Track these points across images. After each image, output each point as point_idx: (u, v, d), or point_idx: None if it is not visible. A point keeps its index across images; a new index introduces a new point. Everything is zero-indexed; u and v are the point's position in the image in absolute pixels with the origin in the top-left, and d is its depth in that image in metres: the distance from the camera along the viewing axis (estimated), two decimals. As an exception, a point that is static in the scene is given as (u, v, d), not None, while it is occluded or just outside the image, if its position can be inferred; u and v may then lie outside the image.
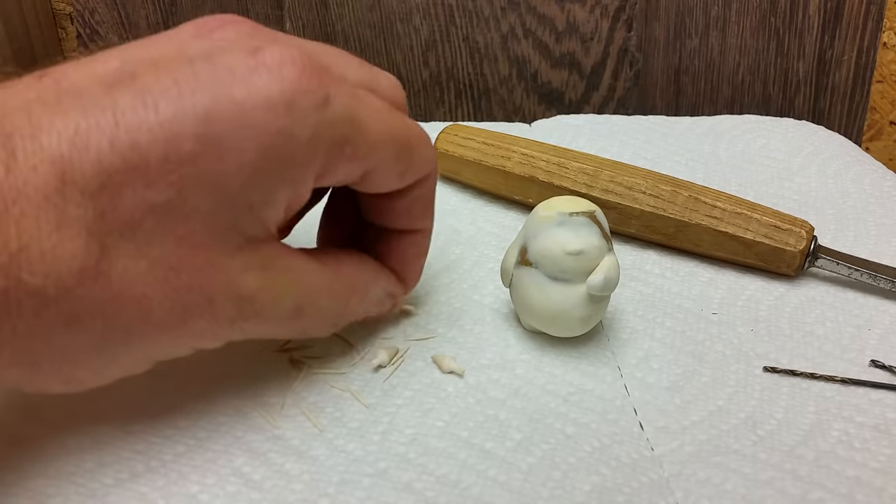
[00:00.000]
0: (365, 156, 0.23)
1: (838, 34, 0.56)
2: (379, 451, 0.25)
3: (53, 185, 0.19)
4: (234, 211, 0.21)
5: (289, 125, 0.21)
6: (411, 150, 0.25)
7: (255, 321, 0.23)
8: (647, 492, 0.24)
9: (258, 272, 0.22)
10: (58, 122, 0.19)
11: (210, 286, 0.21)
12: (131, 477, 0.24)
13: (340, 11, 0.55)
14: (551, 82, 0.58)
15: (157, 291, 0.20)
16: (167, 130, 0.20)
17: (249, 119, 0.20)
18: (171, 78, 0.20)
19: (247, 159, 0.21)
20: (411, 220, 0.28)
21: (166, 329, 0.21)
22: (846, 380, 0.29)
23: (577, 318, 0.28)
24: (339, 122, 0.22)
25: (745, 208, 0.35)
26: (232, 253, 0.22)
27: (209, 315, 0.22)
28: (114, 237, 0.19)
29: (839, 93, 0.58)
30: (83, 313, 0.20)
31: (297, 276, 0.24)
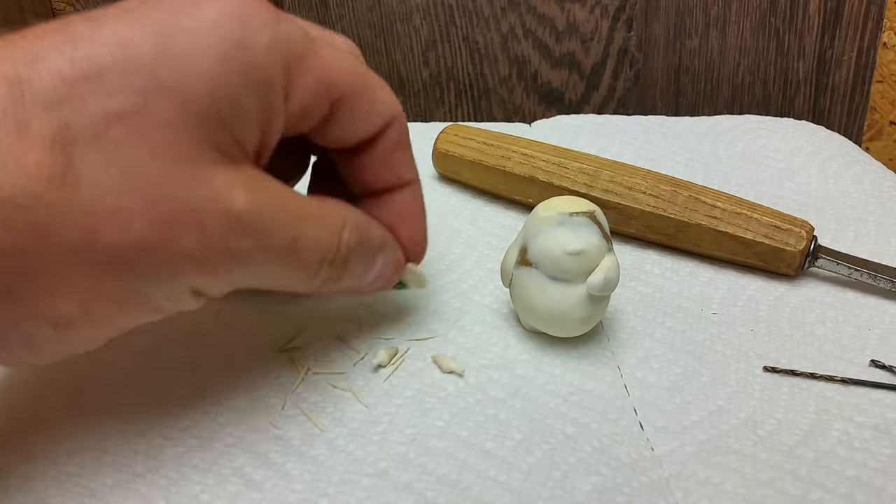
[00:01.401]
0: (326, 75, 0.23)
1: (838, 34, 0.56)
2: (379, 451, 0.25)
3: (11, 100, 0.19)
4: (207, 123, 0.21)
5: (244, 35, 0.21)
6: (371, 85, 0.25)
7: (250, 248, 0.22)
8: (647, 492, 0.24)
9: (246, 189, 0.21)
10: (16, 52, 0.19)
11: (195, 200, 0.20)
12: (132, 477, 0.24)
13: (340, 11, 0.55)
14: (551, 82, 0.58)
15: (135, 203, 0.19)
16: (124, 48, 0.20)
17: (204, 32, 0.21)
18: (122, 8, 0.21)
19: (208, 66, 0.20)
20: (391, 171, 0.27)
21: (151, 248, 0.20)
22: (846, 380, 0.29)
23: (577, 318, 0.28)
24: (294, 39, 0.22)
25: (745, 208, 0.35)
26: (213, 167, 0.21)
27: (198, 232, 0.20)
28: (80, 146, 0.19)
29: (839, 93, 0.58)
30: (54, 225, 0.19)
31: (285, 200, 0.23)
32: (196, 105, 0.20)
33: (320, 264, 0.24)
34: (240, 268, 0.22)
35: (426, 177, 0.43)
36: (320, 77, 0.23)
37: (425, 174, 0.43)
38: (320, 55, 0.23)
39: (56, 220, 0.19)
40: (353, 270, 0.25)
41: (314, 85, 0.23)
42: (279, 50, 0.22)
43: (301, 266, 0.24)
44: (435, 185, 0.42)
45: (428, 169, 0.43)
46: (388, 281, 0.27)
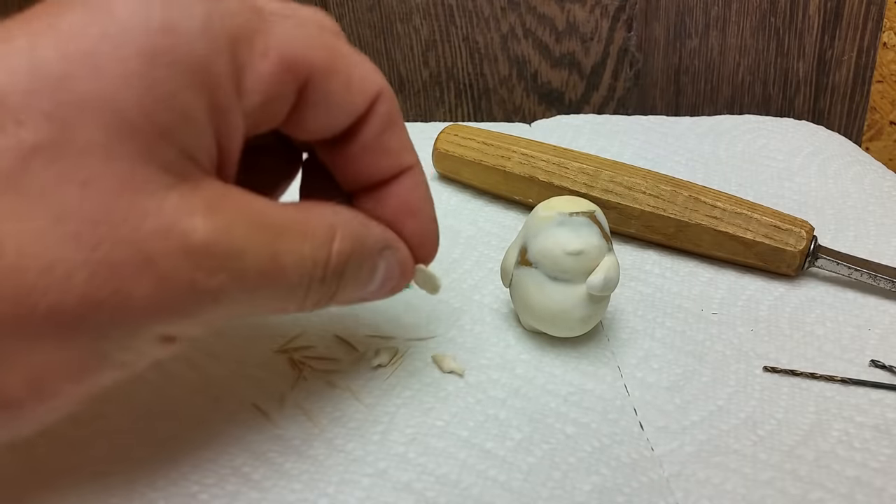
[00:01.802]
0: (286, 53, 0.19)
1: (838, 34, 0.56)
2: (378, 451, 0.25)
3: None
4: (142, 139, 0.17)
5: (170, 17, 0.17)
6: (346, 58, 0.21)
7: (226, 281, 0.18)
8: (647, 492, 0.24)
9: (207, 214, 0.18)
10: None
11: (141, 239, 0.17)
12: (131, 477, 0.24)
13: (340, 11, 0.55)
14: (551, 82, 0.58)
15: (72, 253, 0.16)
16: (24, 58, 0.16)
17: (122, 22, 0.17)
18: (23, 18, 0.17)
19: (132, 68, 0.17)
20: (386, 156, 0.23)
21: (100, 302, 0.16)
22: (846, 380, 0.29)
23: (577, 318, 0.28)
24: (235, 9, 0.18)
25: (745, 208, 0.35)
26: (159, 193, 0.17)
27: (152, 275, 0.17)
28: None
29: (839, 93, 0.58)
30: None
31: (257, 215, 0.19)
32: (123, 118, 0.17)
33: (310, 282, 0.20)
34: (213, 304, 0.18)
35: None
36: (279, 57, 0.19)
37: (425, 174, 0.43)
38: (275, 30, 0.19)
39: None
40: (353, 282, 0.22)
41: (272, 68, 0.19)
42: (219, 30, 0.18)
43: (287, 288, 0.20)
44: (435, 185, 0.42)
45: (428, 169, 0.43)
46: (397, 286, 0.24)
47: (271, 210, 0.19)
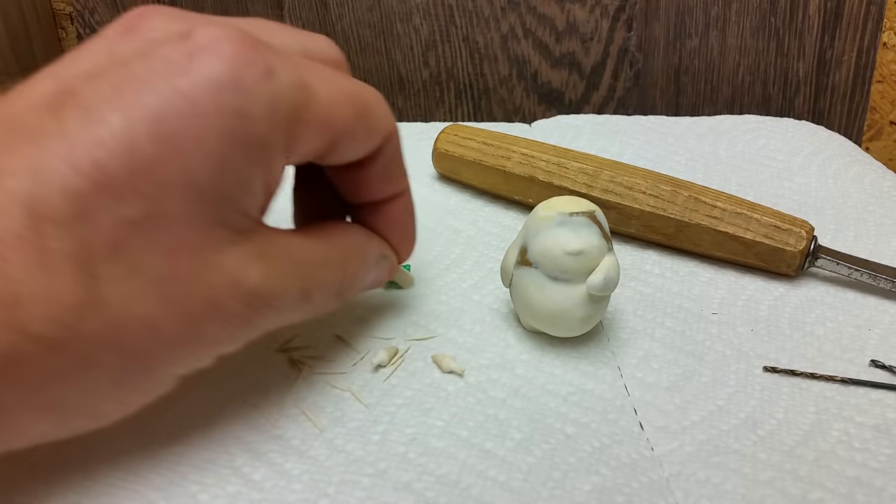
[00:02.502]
0: (325, 119, 0.23)
1: (838, 34, 0.56)
2: (379, 451, 0.25)
3: (27, 224, 0.18)
4: (215, 206, 0.20)
5: (241, 103, 0.20)
6: (368, 107, 0.24)
7: (268, 313, 0.22)
8: (647, 492, 0.24)
9: (258, 262, 0.22)
10: (15, 160, 0.18)
11: (212, 290, 0.21)
12: (131, 477, 0.24)
13: (340, 11, 0.55)
14: (551, 82, 0.58)
15: (161, 308, 0.20)
16: (122, 141, 0.19)
17: (200, 107, 0.20)
18: (111, 86, 0.20)
19: (210, 149, 0.20)
20: (390, 183, 0.27)
21: (180, 344, 0.21)
22: (846, 380, 0.29)
23: (577, 318, 0.28)
24: (290, 90, 0.21)
25: (745, 208, 0.35)
26: (225, 249, 0.21)
27: (220, 319, 0.21)
28: (102, 264, 0.19)
29: (839, 93, 0.58)
30: (93, 349, 0.19)
31: (295, 256, 0.23)
32: (203, 193, 0.20)
33: (328, 299, 0.25)
34: (255, 331, 0.23)
35: (426, 177, 0.43)
36: (321, 125, 0.23)
37: (425, 174, 0.43)
38: (318, 101, 0.22)
39: (92, 344, 0.19)
40: (350, 293, 0.26)
41: (315, 135, 0.23)
42: (278, 110, 0.21)
43: (312, 307, 0.25)
44: (435, 185, 0.42)
45: (428, 169, 0.43)
46: (379, 284, 0.29)
47: (302, 248, 0.24)
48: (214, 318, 0.21)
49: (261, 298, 0.22)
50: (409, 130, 0.48)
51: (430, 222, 0.38)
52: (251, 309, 0.22)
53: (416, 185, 0.41)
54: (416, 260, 0.35)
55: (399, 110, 0.58)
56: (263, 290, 0.22)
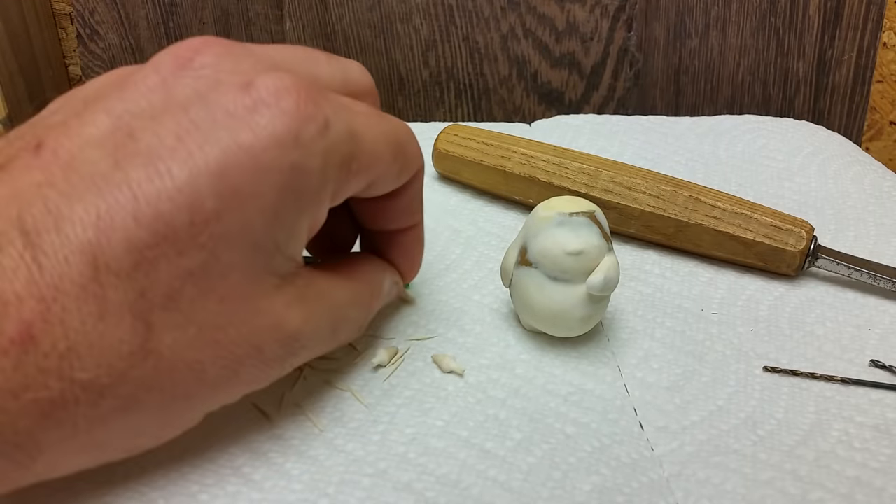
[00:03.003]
0: (368, 166, 0.24)
1: (838, 34, 0.56)
2: (379, 451, 0.25)
3: (88, 275, 0.18)
4: (265, 255, 0.21)
5: (300, 159, 0.21)
6: (404, 148, 0.25)
7: (301, 353, 0.23)
8: (647, 492, 0.24)
9: (299, 306, 0.22)
10: (78, 208, 0.19)
11: (257, 334, 0.21)
12: (131, 477, 0.24)
13: (340, 11, 0.55)
14: (551, 82, 0.58)
15: (209, 354, 0.20)
16: (186, 194, 0.19)
17: (261, 162, 0.20)
18: (174, 134, 0.20)
19: (268, 203, 0.20)
20: (410, 216, 0.28)
21: (220, 386, 0.21)
22: (846, 380, 0.29)
23: (577, 318, 0.28)
24: (343, 142, 0.22)
25: (745, 208, 0.35)
26: (272, 295, 0.22)
27: (258, 362, 0.22)
28: (157, 313, 0.19)
29: (839, 93, 0.58)
30: (139, 393, 0.19)
31: (330, 297, 0.24)
32: (257, 244, 0.21)
33: (351, 334, 0.26)
34: (287, 368, 0.23)
35: (426, 177, 0.43)
36: (364, 172, 0.23)
37: (425, 174, 0.43)
38: (364, 149, 0.23)
39: (140, 389, 0.19)
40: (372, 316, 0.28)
41: (357, 181, 0.24)
42: (331, 164, 0.22)
43: (336, 342, 0.26)
44: (435, 185, 0.42)
45: (428, 169, 0.43)
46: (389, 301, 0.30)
47: (335, 288, 0.25)
48: (254, 361, 0.22)
49: (298, 341, 0.23)
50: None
51: (430, 222, 0.38)
52: (288, 351, 0.23)
53: (416, 185, 0.41)
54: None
55: (399, 110, 0.58)
56: (301, 334, 0.23)
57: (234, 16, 0.55)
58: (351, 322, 0.26)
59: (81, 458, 0.20)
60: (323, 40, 0.56)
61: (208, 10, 0.55)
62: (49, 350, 0.18)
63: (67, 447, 0.19)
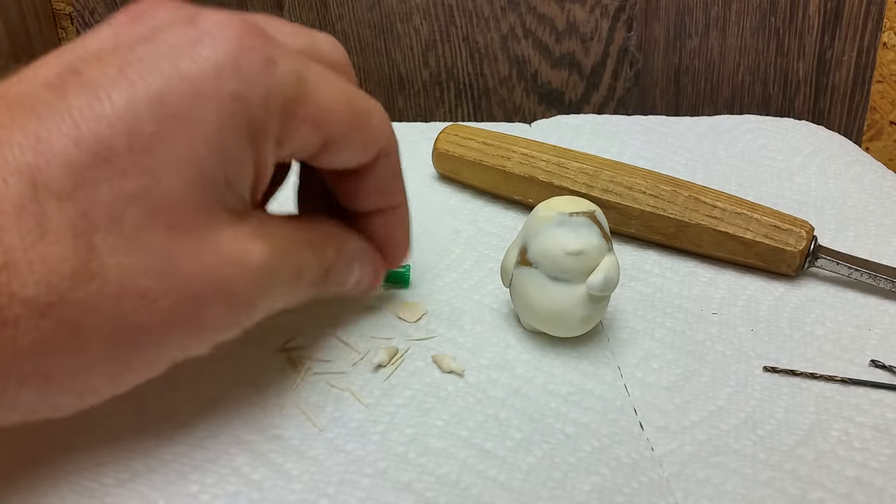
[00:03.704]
0: (320, 118, 0.23)
1: (838, 34, 0.56)
2: (379, 451, 0.25)
3: (27, 195, 0.18)
4: (212, 186, 0.21)
5: (240, 87, 0.21)
6: (366, 116, 0.25)
7: (268, 294, 0.23)
8: (647, 492, 0.24)
9: (257, 240, 0.22)
10: (17, 134, 0.19)
11: (216, 268, 0.21)
12: (131, 476, 0.24)
13: (340, 11, 0.55)
14: (551, 82, 0.58)
15: (160, 283, 0.20)
16: (126, 119, 0.19)
17: (201, 89, 0.20)
18: (116, 66, 0.20)
19: (209, 130, 0.20)
20: (384, 196, 0.27)
21: (177, 322, 0.21)
22: (846, 380, 0.29)
23: (577, 318, 0.28)
24: (289, 82, 0.22)
25: (745, 208, 0.35)
26: (224, 230, 0.21)
27: (224, 299, 0.21)
28: (100, 234, 0.19)
29: (839, 93, 0.58)
30: (85, 317, 0.19)
31: (286, 234, 0.24)
32: (202, 172, 0.20)
33: (309, 283, 0.25)
34: (256, 312, 0.23)
35: (426, 177, 0.43)
36: (314, 121, 0.23)
37: (425, 174, 0.43)
38: (314, 98, 0.23)
39: (85, 313, 0.19)
40: (333, 280, 0.26)
41: (307, 129, 0.23)
42: (274, 98, 0.22)
43: (301, 289, 0.25)
44: (435, 185, 0.42)
45: (428, 169, 0.43)
46: (370, 285, 0.29)
47: (290, 228, 0.24)
48: (218, 300, 0.21)
49: (263, 276, 0.22)
50: (408, 130, 0.48)
51: (430, 222, 0.38)
52: (255, 288, 0.22)
53: (416, 185, 0.41)
54: (416, 260, 0.35)
55: (399, 110, 0.58)
56: (264, 268, 0.22)
57: (234, 16, 0.55)
58: (312, 267, 0.25)
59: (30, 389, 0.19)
60: (323, 40, 0.56)
61: (208, 10, 0.55)
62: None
63: (12, 370, 0.19)
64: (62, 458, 0.24)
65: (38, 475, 0.24)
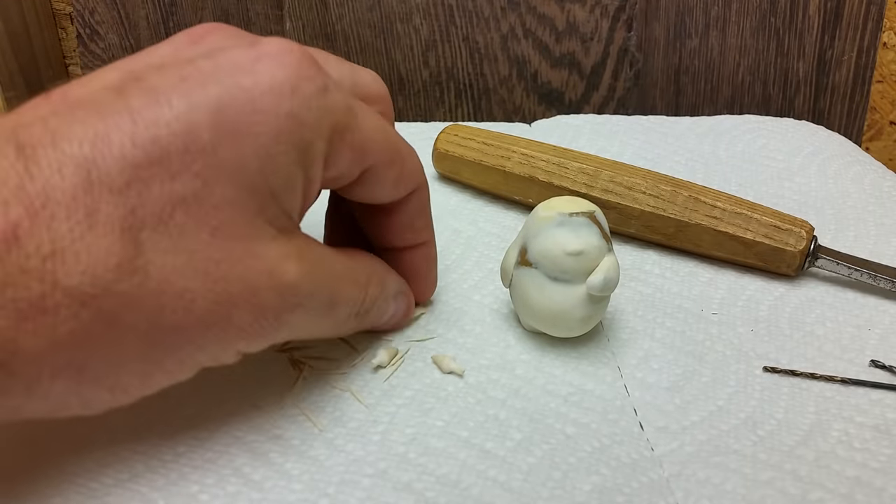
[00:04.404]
0: (363, 147, 0.24)
1: (838, 34, 0.56)
2: (379, 451, 0.25)
3: (81, 187, 0.19)
4: (260, 198, 0.21)
5: (296, 108, 0.22)
6: (403, 156, 0.26)
7: (298, 313, 0.23)
8: (647, 492, 0.24)
9: (296, 261, 0.23)
10: (76, 128, 0.19)
11: (253, 276, 0.21)
12: (131, 477, 0.24)
13: (340, 11, 0.55)
14: (551, 82, 0.58)
15: (199, 284, 0.20)
16: (183, 123, 0.20)
17: (259, 105, 0.21)
18: (178, 75, 0.21)
19: (262, 143, 0.21)
20: (414, 233, 0.29)
21: (211, 325, 0.21)
22: (846, 380, 0.29)
23: (577, 318, 0.28)
24: (339, 109, 0.23)
25: (745, 208, 0.35)
26: (267, 241, 0.22)
27: (253, 307, 0.22)
28: (147, 232, 0.20)
29: (839, 93, 0.58)
30: (124, 311, 0.19)
31: (326, 262, 0.24)
32: (252, 183, 0.21)
33: (349, 317, 0.26)
34: (284, 330, 0.23)
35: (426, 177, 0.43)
36: (357, 149, 0.24)
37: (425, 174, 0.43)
38: (360, 127, 0.24)
39: (125, 307, 0.19)
40: (373, 317, 0.28)
41: (351, 156, 0.24)
42: (325, 122, 0.23)
43: (335, 320, 0.26)
44: (435, 185, 0.42)
45: (428, 169, 0.43)
46: (401, 323, 0.30)
47: (332, 257, 0.25)
48: (249, 305, 0.21)
49: (294, 295, 0.23)
50: (408, 130, 0.48)
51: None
52: (284, 304, 0.22)
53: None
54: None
55: (399, 110, 0.58)
56: (298, 288, 0.23)
57: (234, 16, 0.55)
58: (349, 301, 0.26)
59: (62, 381, 0.20)
60: (323, 40, 0.56)
61: (208, 10, 0.55)
62: (33, 251, 0.18)
63: (46, 359, 0.19)
64: (64, 458, 0.24)
65: (40, 475, 0.24)
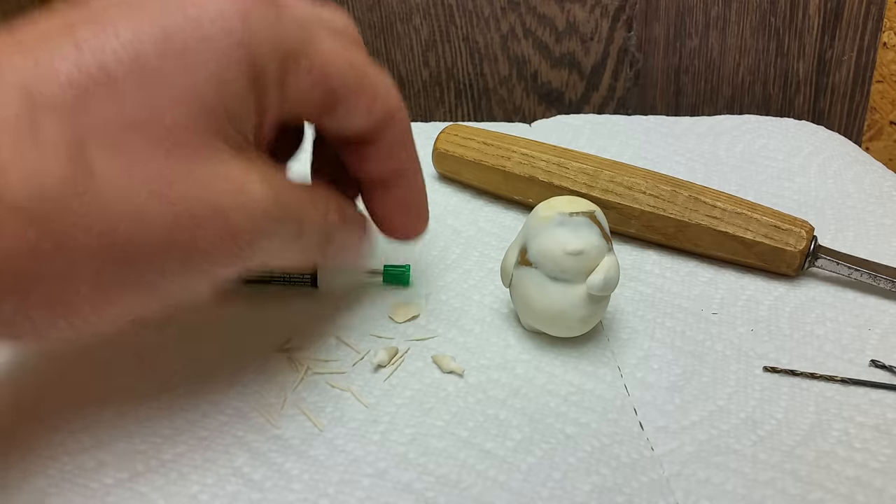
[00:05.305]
0: (322, 72, 0.23)
1: (838, 34, 0.56)
2: (379, 451, 0.25)
3: (23, 106, 0.19)
4: (215, 121, 0.21)
5: (245, 35, 0.21)
6: (370, 78, 0.25)
7: (269, 238, 0.22)
8: (647, 492, 0.24)
9: (261, 176, 0.22)
10: (17, 59, 0.19)
11: (216, 197, 0.21)
12: (131, 477, 0.24)
13: (340, 11, 0.55)
14: (551, 82, 0.58)
15: (156, 204, 0.20)
16: (130, 50, 0.20)
17: (207, 31, 0.21)
18: (126, 7, 0.21)
19: (213, 70, 0.21)
20: (393, 161, 0.27)
21: (171, 246, 0.20)
22: (846, 380, 0.29)
23: (577, 318, 0.28)
24: (293, 37, 0.23)
25: (745, 208, 0.35)
26: (228, 160, 0.21)
27: (223, 227, 0.21)
28: (97, 153, 0.19)
29: (839, 93, 0.58)
30: (74, 230, 0.19)
31: (291, 187, 0.24)
32: (205, 106, 0.21)
33: (313, 244, 0.25)
34: (256, 254, 0.22)
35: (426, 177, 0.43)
36: (316, 74, 0.23)
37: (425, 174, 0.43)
38: (317, 51, 0.23)
39: (75, 225, 0.19)
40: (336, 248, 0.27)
41: (309, 81, 0.23)
42: (278, 47, 0.22)
43: (301, 247, 0.25)
44: (435, 185, 0.42)
45: (428, 169, 0.43)
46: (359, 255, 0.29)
47: (294, 185, 0.24)
48: (217, 225, 0.21)
49: (266, 216, 0.22)
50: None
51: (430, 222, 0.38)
52: (256, 225, 0.22)
53: (416, 185, 0.41)
54: (417, 260, 0.35)
55: (399, 110, 0.58)
56: (269, 209, 0.22)
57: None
58: (314, 226, 0.25)
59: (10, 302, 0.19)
60: (323, 40, 0.56)
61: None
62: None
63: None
64: (64, 458, 0.24)
65: (40, 475, 0.24)
